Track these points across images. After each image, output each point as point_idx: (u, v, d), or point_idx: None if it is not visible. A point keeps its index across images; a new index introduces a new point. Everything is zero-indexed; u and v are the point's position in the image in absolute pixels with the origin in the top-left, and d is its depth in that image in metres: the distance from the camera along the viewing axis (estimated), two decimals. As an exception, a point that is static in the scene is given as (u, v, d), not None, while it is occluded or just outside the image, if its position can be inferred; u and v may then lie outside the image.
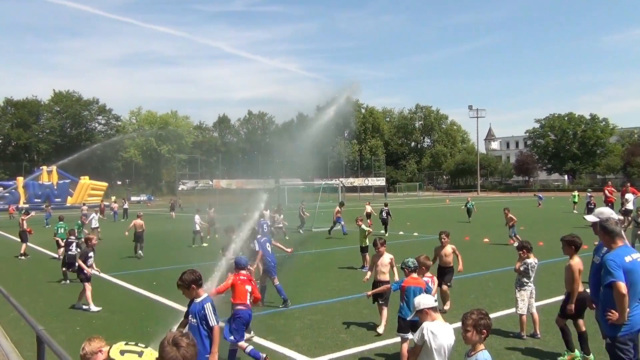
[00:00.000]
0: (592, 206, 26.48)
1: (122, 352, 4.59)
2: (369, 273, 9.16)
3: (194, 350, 2.84)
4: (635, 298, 5.28)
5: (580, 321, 7.31)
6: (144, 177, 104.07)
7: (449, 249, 10.18)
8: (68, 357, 3.26)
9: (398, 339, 8.14)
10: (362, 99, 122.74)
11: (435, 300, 5.04)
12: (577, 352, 7.21)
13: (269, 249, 10.93)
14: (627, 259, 5.25)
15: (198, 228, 22.33)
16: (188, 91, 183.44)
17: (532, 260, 8.18)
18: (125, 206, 43.17)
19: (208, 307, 5.40)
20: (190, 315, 5.57)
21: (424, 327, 4.74)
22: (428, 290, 6.74)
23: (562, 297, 10.65)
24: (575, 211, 33.11)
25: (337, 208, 25.04)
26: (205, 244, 21.96)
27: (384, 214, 24.91)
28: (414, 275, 7.05)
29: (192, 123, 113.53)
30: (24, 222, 20.48)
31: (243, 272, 7.52)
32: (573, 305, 7.18)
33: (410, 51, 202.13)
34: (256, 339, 8.40)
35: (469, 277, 12.97)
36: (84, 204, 45.32)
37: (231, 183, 79.00)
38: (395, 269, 8.94)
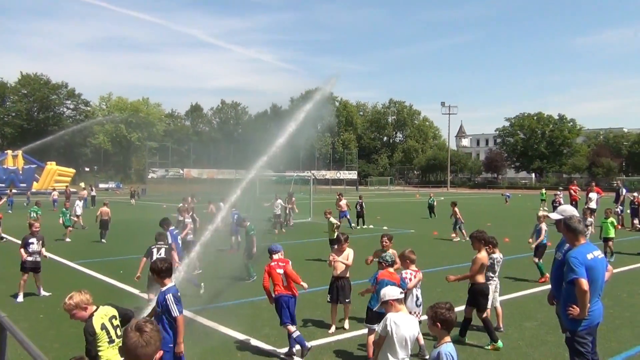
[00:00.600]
0: (557, 204, 27.07)
1: (102, 327, 4.60)
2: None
3: (158, 336, 2.83)
4: (595, 294, 5.45)
5: (470, 309, 7.80)
6: (113, 164, 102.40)
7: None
8: (30, 343, 3.21)
9: (365, 330, 8.24)
10: (336, 92, 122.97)
11: (402, 293, 5.08)
12: (499, 343, 7.43)
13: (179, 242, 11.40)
14: (589, 256, 5.41)
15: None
16: (160, 78, 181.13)
17: (497, 255, 8.35)
18: (93, 193, 42.47)
19: (169, 297, 5.40)
20: (156, 304, 5.57)
21: (388, 318, 4.83)
22: (402, 286, 6.74)
23: (524, 292, 10.95)
24: (544, 208, 33.79)
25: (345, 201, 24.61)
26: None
27: (358, 207, 25.09)
28: (390, 269, 7.06)
29: (163, 111, 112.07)
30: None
31: (275, 257, 7.67)
32: (453, 277, 8.14)
33: (386, 45, 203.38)
34: (225, 330, 8.41)
35: (435, 271, 13.17)
36: (54, 189, 44.43)
37: (202, 173, 78.28)
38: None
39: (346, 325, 8.54)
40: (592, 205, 25.95)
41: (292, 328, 7.18)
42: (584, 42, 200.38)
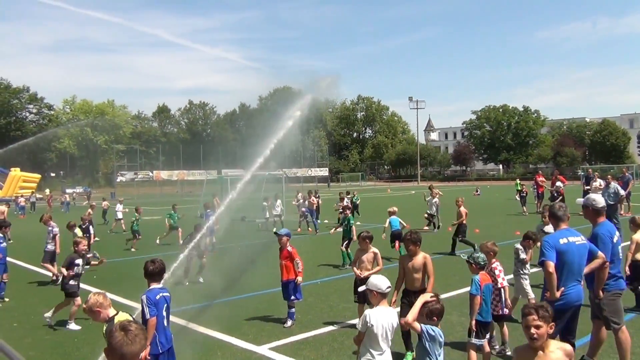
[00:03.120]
0: (525, 194, 27.71)
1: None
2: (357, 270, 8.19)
3: (143, 335, 2.88)
4: (572, 277, 5.67)
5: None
6: (80, 168, 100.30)
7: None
8: (12, 350, 3.21)
9: (340, 325, 8.40)
10: (304, 91, 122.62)
11: (388, 288, 5.06)
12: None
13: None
14: (562, 240, 5.65)
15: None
16: (125, 80, 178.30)
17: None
18: (33, 199, 42.05)
19: (143, 299, 5.46)
20: None
21: (366, 314, 4.91)
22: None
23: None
24: (517, 198, 34.35)
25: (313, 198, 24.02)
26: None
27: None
28: (483, 271, 6.48)
29: (130, 113, 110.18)
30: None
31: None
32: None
33: (352, 42, 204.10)
34: (203, 329, 8.43)
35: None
36: (21, 196, 43.46)
37: (172, 174, 77.42)
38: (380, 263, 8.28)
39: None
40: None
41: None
42: (546, 35, 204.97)
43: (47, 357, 7.54)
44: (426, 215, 22.04)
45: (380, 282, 5.05)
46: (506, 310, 6.98)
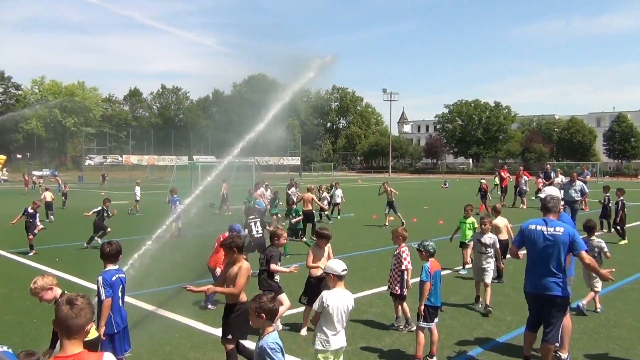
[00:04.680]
0: (485, 191, 28.23)
1: None
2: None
3: (89, 310, 2.98)
4: (533, 265, 5.95)
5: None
6: (47, 150, 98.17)
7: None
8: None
9: (299, 310, 8.60)
10: (279, 77, 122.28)
11: (344, 270, 5.29)
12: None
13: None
14: (531, 226, 5.99)
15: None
16: (97, 61, 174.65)
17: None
18: None
19: (99, 280, 5.56)
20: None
21: (323, 295, 5.15)
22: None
23: (448, 272, 11.53)
24: (498, 192, 34.84)
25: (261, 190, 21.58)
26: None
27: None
28: (432, 258, 6.65)
29: (100, 95, 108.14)
30: None
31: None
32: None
33: (328, 31, 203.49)
34: (162, 312, 8.54)
35: (372, 252, 13.71)
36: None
37: (142, 159, 76.49)
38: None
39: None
40: (524, 187, 27.60)
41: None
42: (521, 32, 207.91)
43: (5, 337, 7.56)
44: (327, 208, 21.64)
45: (336, 265, 5.33)
46: (405, 291, 7.53)
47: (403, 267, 7.45)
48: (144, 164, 75.96)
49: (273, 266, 7.36)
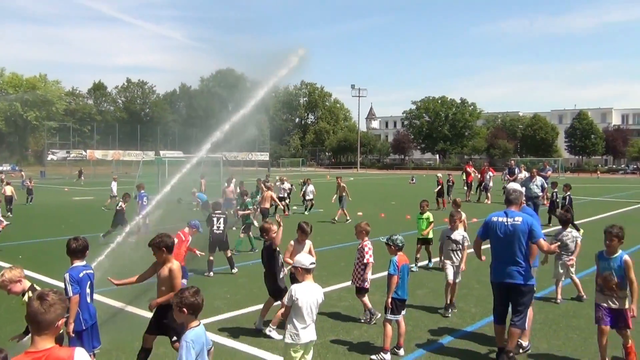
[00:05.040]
0: (451, 184, 28.75)
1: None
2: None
3: (60, 306, 2.98)
4: (495, 254, 6.31)
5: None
6: (7, 145, 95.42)
7: None
8: None
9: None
10: (247, 73, 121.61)
11: (312, 264, 5.38)
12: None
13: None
14: (494, 218, 6.32)
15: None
16: (59, 53, 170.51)
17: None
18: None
19: (66, 277, 5.47)
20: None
21: (292, 289, 5.21)
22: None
23: (420, 264, 11.73)
24: (464, 187, 35.34)
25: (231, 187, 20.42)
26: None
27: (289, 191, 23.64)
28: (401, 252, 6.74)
29: (63, 88, 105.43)
30: None
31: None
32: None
33: (297, 26, 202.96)
34: (130, 309, 8.47)
35: (341, 246, 13.84)
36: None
37: (107, 154, 75.09)
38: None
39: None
40: (490, 183, 28.22)
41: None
42: (486, 29, 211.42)
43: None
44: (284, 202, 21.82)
45: (304, 258, 5.40)
46: (367, 284, 7.76)
47: (365, 261, 7.67)
48: (109, 159, 74.62)
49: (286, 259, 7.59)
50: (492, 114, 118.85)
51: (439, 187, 25.46)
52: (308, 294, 5.18)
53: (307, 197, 23.19)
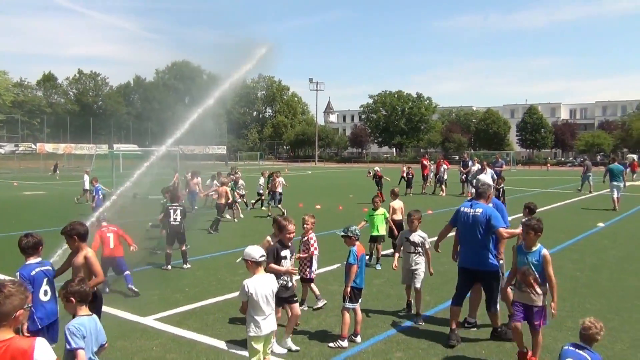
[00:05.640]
0: (411, 176, 29.25)
1: None
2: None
3: (18, 297, 2.98)
4: (462, 241, 6.85)
5: None
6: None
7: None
8: None
9: (226, 297, 8.72)
10: (204, 66, 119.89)
11: (262, 256, 5.43)
12: None
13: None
14: (463, 208, 6.87)
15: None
16: (6, 43, 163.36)
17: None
18: None
19: (17, 275, 5.20)
20: None
21: (244, 284, 5.27)
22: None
23: (335, 267, 11.96)
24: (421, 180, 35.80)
25: (194, 179, 20.25)
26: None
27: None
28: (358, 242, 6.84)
29: (10, 79, 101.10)
30: None
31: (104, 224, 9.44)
32: None
33: (254, 19, 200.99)
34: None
35: (297, 239, 13.91)
36: None
37: (58, 147, 72.83)
38: None
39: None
40: (445, 175, 28.83)
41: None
42: (443, 25, 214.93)
43: None
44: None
45: (253, 251, 5.39)
46: (313, 275, 8.06)
47: (310, 253, 7.95)
48: (60, 153, 72.37)
49: (270, 265, 6.46)
50: (447, 108, 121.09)
51: (378, 179, 25.76)
52: (261, 286, 5.24)
53: (278, 191, 22.42)
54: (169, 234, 10.91)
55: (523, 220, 6.22)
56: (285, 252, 6.68)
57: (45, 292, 5.34)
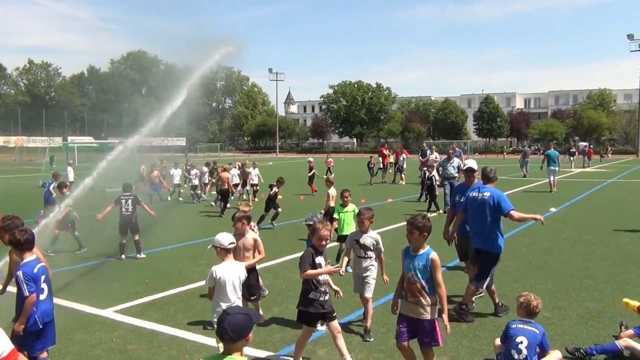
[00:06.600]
0: (372, 166, 29.57)
1: None
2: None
3: None
4: (470, 224, 7.33)
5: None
6: None
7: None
8: None
9: (187, 287, 8.71)
10: (161, 56, 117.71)
11: (231, 244, 5.48)
12: None
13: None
14: (471, 194, 7.32)
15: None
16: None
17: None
18: None
19: (19, 275, 4.84)
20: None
21: (212, 270, 5.31)
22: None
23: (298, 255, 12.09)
24: (390, 170, 36.00)
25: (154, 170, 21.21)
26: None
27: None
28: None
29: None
30: None
31: None
32: None
33: (212, 9, 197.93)
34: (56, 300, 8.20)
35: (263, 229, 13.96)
36: None
37: (9, 140, 70.30)
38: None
39: None
40: (404, 165, 29.22)
41: None
42: (402, 15, 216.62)
43: None
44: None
45: (223, 238, 5.45)
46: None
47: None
48: (11, 146, 69.98)
49: (308, 271, 5.44)
50: (406, 98, 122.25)
51: (312, 172, 25.20)
52: (228, 272, 5.29)
53: (252, 182, 22.16)
54: (121, 224, 10.95)
55: (408, 218, 5.16)
56: (319, 259, 5.53)
57: (42, 290, 5.03)
